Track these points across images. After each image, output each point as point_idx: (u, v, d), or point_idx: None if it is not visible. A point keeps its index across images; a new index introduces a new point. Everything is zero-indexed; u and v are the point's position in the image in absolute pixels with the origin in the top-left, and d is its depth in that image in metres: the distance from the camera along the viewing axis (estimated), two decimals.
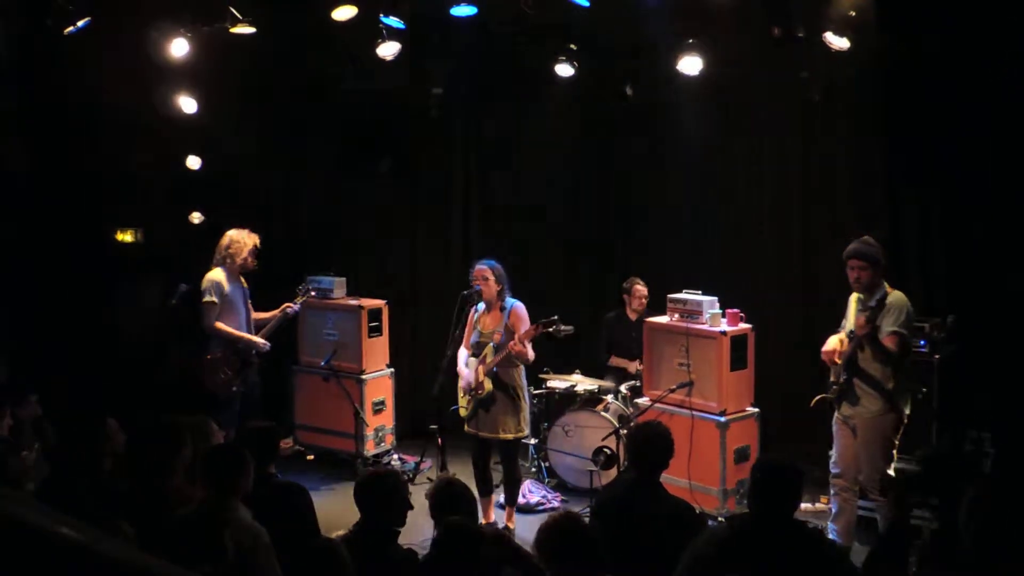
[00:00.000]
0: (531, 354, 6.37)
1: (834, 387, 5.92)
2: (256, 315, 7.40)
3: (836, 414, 5.99)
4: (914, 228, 7.15)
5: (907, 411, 5.81)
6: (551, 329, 6.32)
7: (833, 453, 6.06)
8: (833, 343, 5.99)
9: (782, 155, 7.94)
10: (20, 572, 0.98)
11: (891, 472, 5.77)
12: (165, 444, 4.74)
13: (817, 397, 6.12)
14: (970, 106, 6.66)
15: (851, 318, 5.92)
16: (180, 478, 4.69)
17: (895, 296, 5.74)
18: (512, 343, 6.27)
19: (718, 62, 7.19)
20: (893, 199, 7.33)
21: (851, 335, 5.83)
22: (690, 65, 7.11)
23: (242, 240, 7.22)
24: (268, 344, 7.29)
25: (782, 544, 3.65)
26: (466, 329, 6.69)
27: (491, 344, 6.48)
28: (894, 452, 5.81)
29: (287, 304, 7.46)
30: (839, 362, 5.89)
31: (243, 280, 7.32)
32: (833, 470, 6.06)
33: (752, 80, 7.83)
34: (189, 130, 7.88)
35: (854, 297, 5.95)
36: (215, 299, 7.09)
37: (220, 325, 7.12)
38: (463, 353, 6.67)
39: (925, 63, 6.80)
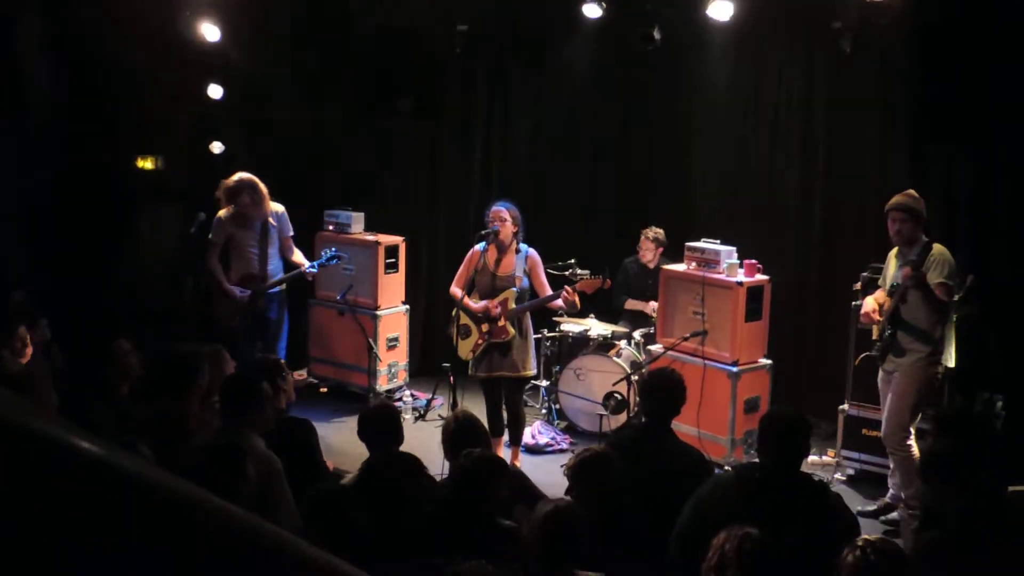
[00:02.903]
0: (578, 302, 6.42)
1: (877, 344, 5.92)
2: (296, 259, 7.46)
3: (880, 372, 5.99)
4: (938, 186, 7.07)
5: (950, 364, 5.82)
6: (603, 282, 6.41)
7: (882, 411, 6.08)
8: (870, 304, 5.98)
9: (809, 106, 7.83)
10: (46, 488, 1.00)
11: (912, 429, 5.79)
12: (182, 370, 4.80)
13: (861, 355, 6.12)
14: (1002, 64, 6.53)
15: (890, 274, 5.89)
16: (196, 404, 4.77)
17: (938, 248, 5.70)
18: (565, 294, 6.27)
19: (748, 9, 7.07)
20: (918, 156, 7.24)
21: (892, 289, 5.80)
22: (720, 10, 7.01)
23: (223, 186, 7.25)
24: (241, 293, 7.28)
25: (787, 494, 3.69)
26: (464, 267, 6.67)
27: (513, 289, 6.46)
28: (920, 412, 5.82)
29: (310, 270, 7.42)
30: (881, 319, 5.88)
31: (269, 220, 7.34)
32: (883, 428, 6.08)
33: (782, 29, 7.71)
34: (211, 58, 7.83)
35: (893, 252, 5.92)
36: (212, 236, 7.33)
37: (212, 263, 7.32)
38: (457, 291, 6.62)
39: (959, 17, 6.66)
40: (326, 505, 3.45)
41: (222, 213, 7.34)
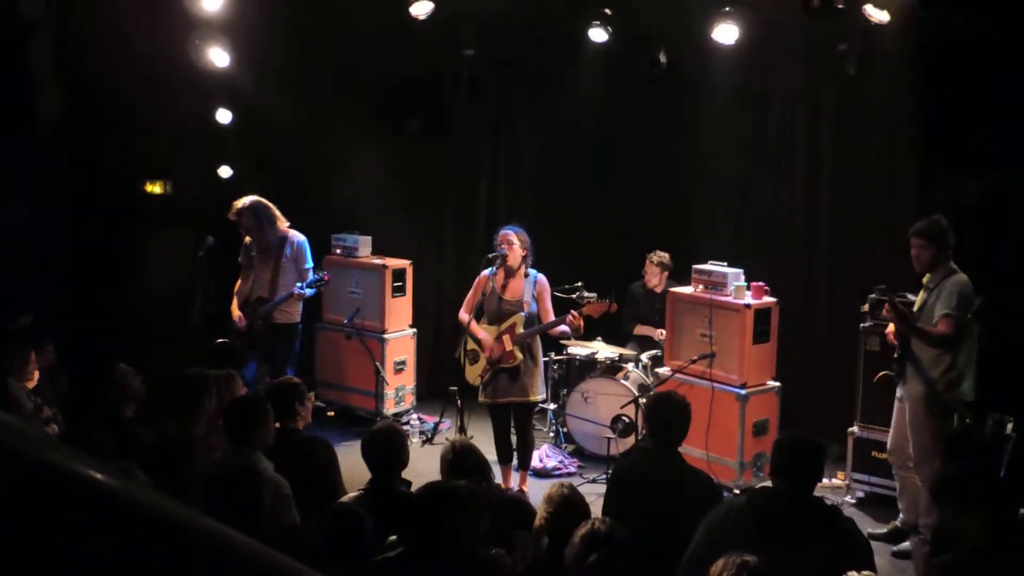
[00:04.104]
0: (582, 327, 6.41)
1: (894, 365, 5.90)
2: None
3: (897, 392, 5.97)
4: (945, 207, 7.06)
5: (969, 398, 5.74)
6: (609, 306, 6.40)
7: (890, 431, 6.05)
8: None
9: (815, 129, 7.84)
10: (51, 515, 0.99)
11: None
12: (189, 394, 4.81)
13: (880, 374, 6.10)
14: (1008, 84, 6.54)
15: (918, 299, 5.84)
16: (203, 427, 4.77)
17: (954, 279, 5.63)
18: (571, 318, 6.25)
19: (754, 32, 7.10)
20: (924, 177, 7.24)
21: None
22: (725, 33, 7.04)
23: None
24: (241, 321, 7.30)
25: (800, 519, 3.66)
26: (472, 292, 6.66)
27: (521, 314, 6.45)
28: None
29: (299, 291, 7.24)
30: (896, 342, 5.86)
31: (285, 247, 7.34)
32: (888, 448, 6.06)
33: (788, 51, 7.73)
34: (220, 83, 7.88)
35: (926, 278, 5.86)
36: (240, 259, 7.48)
37: (236, 285, 7.50)
38: (465, 317, 6.62)
39: (964, 39, 6.68)
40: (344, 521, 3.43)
41: (248, 238, 7.46)
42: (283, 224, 7.37)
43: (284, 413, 4.95)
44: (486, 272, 6.58)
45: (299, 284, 7.27)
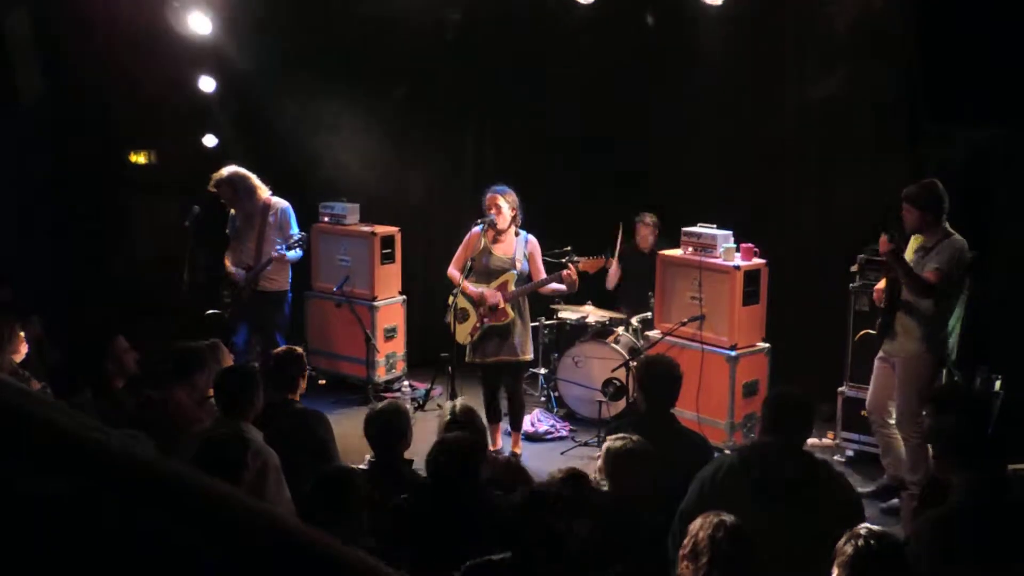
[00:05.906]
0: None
1: (878, 323, 5.90)
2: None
3: (879, 351, 5.98)
4: (935, 165, 7.05)
5: (951, 354, 5.77)
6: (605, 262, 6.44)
7: (870, 388, 6.07)
8: (884, 282, 5.97)
9: (804, 87, 7.81)
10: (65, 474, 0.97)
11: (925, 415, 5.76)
12: (182, 366, 4.81)
13: (861, 332, 6.11)
14: (999, 42, 6.50)
15: (912, 258, 5.85)
16: (188, 397, 4.76)
17: (952, 240, 5.66)
18: (567, 273, 6.26)
19: None
20: (914, 135, 7.22)
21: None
22: None
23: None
24: (239, 274, 7.28)
25: (790, 474, 3.67)
26: (462, 249, 6.63)
27: (513, 271, 6.44)
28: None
29: (279, 252, 7.20)
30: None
31: (267, 211, 7.28)
32: (867, 407, 6.08)
33: (777, 9, 7.67)
34: (202, 51, 7.79)
35: (915, 238, 5.86)
36: (228, 231, 7.46)
37: (225, 257, 7.46)
38: (456, 274, 6.60)
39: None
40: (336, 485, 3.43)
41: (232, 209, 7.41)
42: (264, 192, 7.30)
43: (285, 384, 4.95)
44: (476, 229, 6.56)
45: (279, 246, 7.23)
